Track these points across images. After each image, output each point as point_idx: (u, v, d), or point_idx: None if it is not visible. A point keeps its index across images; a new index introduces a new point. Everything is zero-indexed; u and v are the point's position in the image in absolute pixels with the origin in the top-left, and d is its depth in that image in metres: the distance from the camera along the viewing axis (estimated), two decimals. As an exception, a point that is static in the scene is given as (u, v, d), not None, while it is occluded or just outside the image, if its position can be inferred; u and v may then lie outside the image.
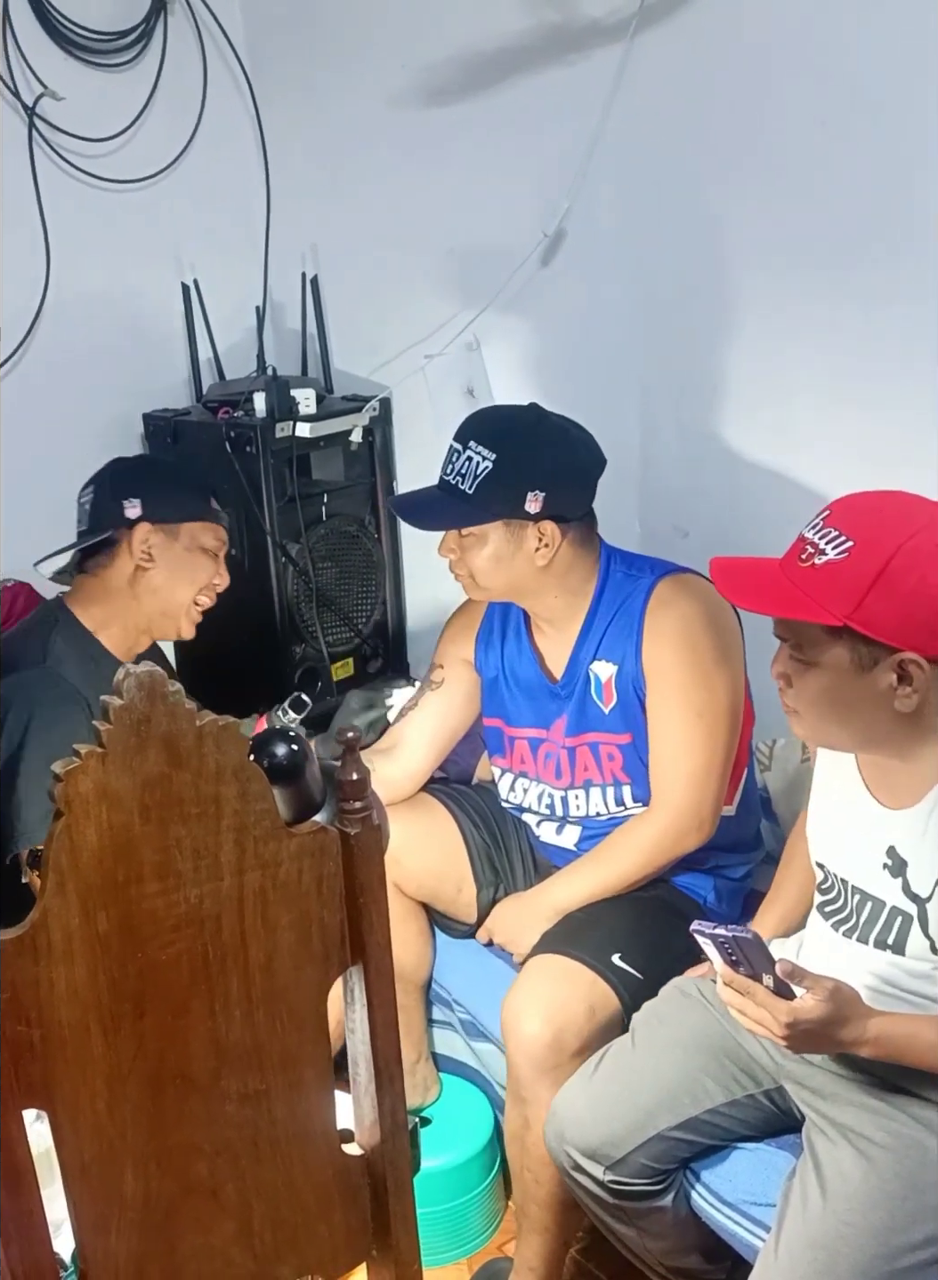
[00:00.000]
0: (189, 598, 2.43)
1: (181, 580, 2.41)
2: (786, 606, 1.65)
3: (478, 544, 2.20)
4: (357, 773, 1.28)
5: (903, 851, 1.73)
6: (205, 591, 2.44)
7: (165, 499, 2.40)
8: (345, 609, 3.17)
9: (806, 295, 2.39)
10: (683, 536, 2.70)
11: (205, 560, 2.43)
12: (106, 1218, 1.25)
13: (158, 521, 2.37)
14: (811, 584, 1.62)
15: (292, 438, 2.94)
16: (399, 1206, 1.43)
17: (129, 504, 2.37)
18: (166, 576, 2.39)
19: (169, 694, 1.13)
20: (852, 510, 1.66)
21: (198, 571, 2.42)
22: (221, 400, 3.06)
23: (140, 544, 2.36)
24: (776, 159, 2.36)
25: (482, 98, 2.77)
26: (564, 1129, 1.92)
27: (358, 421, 3.04)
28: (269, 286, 3.39)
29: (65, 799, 1.11)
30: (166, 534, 2.38)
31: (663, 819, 2.22)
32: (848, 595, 1.59)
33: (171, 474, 2.61)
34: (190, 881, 1.20)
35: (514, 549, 2.20)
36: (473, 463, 2.16)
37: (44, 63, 2.94)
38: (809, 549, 1.64)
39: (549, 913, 2.27)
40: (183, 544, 2.40)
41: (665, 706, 2.21)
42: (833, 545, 1.61)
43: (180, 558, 2.40)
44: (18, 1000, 1.13)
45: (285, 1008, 1.30)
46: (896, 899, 1.74)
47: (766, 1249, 1.71)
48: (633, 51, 2.46)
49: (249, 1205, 1.34)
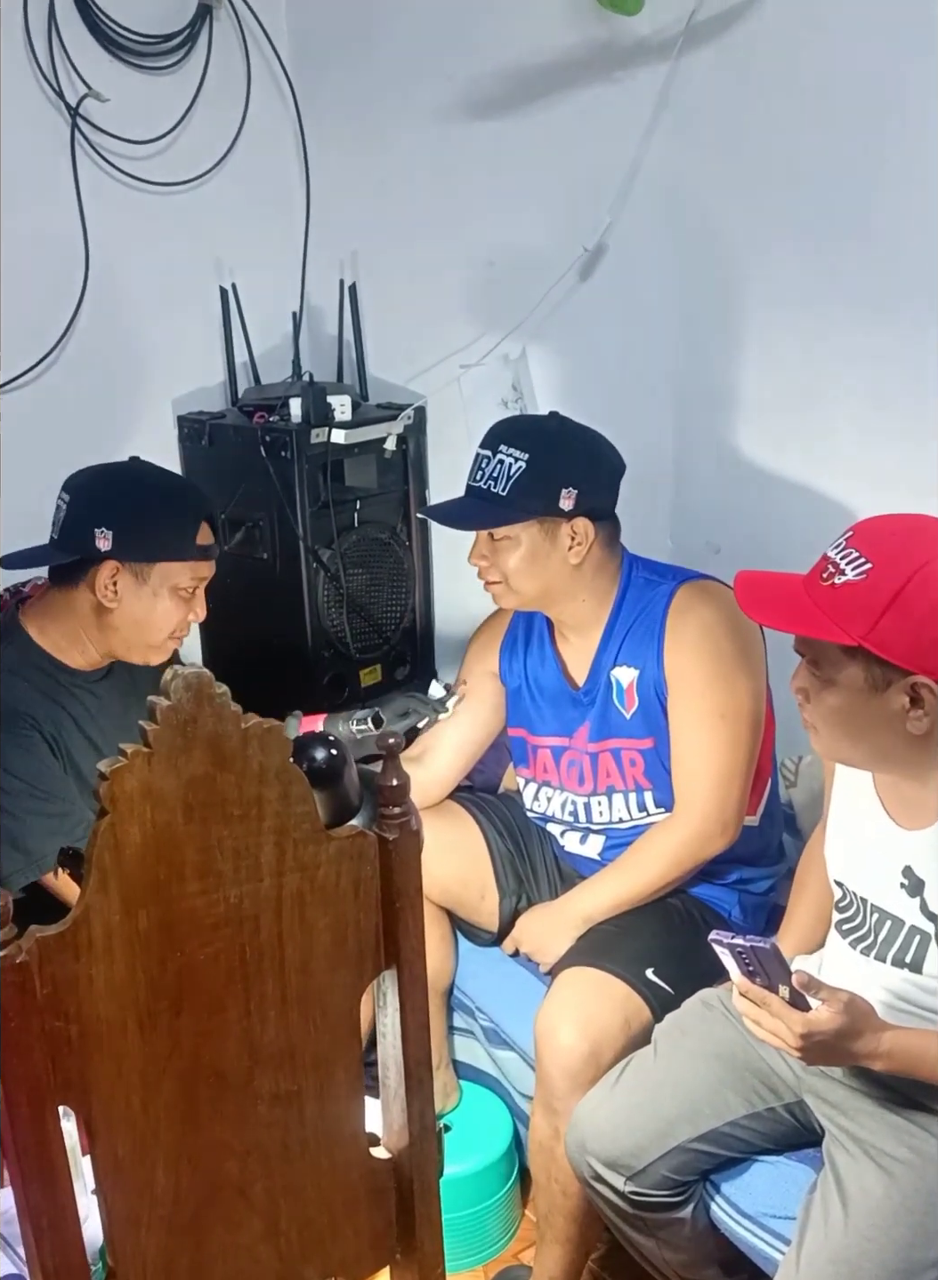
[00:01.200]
0: (159, 640, 2.23)
1: (147, 626, 2.21)
2: (803, 624, 1.67)
3: (512, 546, 2.22)
4: (397, 779, 1.29)
5: (920, 871, 1.74)
6: (180, 628, 2.25)
7: (140, 535, 2.17)
8: (375, 615, 3.18)
9: (847, 322, 2.40)
10: (715, 553, 2.70)
11: (176, 604, 2.21)
12: (137, 1214, 1.26)
13: (127, 560, 2.15)
14: (829, 603, 1.63)
15: (326, 444, 2.95)
16: (425, 1210, 1.45)
17: (101, 533, 2.14)
18: (130, 619, 2.19)
19: (216, 695, 1.15)
20: (873, 533, 1.67)
21: (166, 617, 2.21)
22: (257, 404, 3.08)
23: (105, 582, 2.15)
24: (819, 185, 2.37)
25: (526, 111, 2.78)
26: (586, 1139, 1.93)
27: (392, 429, 3.06)
28: (307, 292, 3.40)
29: (111, 797, 1.12)
30: (135, 575, 2.16)
31: (687, 825, 2.23)
32: (864, 616, 1.60)
33: (154, 503, 2.25)
34: (230, 882, 1.21)
35: (549, 548, 2.21)
36: (505, 465, 2.19)
37: (88, 64, 2.95)
38: (830, 568, 1.65)
39: (577, 922, 2.28)
40: (152, 587, 2.18)
41: (688, 711, 2.22)
42: (853, 566, 1.62)
43: (147, 603, 2.18)
44: (57, 996, 1.14)
45: (319, 1010, 1.31)
46: (914, 918, 1.75)
47: (786, 1262, 1.71)
48: (678, 70, 2.47)
49: (277, 1205, 1.35)
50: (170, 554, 2.19)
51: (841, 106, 2.30)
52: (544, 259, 2.82)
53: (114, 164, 3.04)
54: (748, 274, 2.55)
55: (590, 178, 2.71)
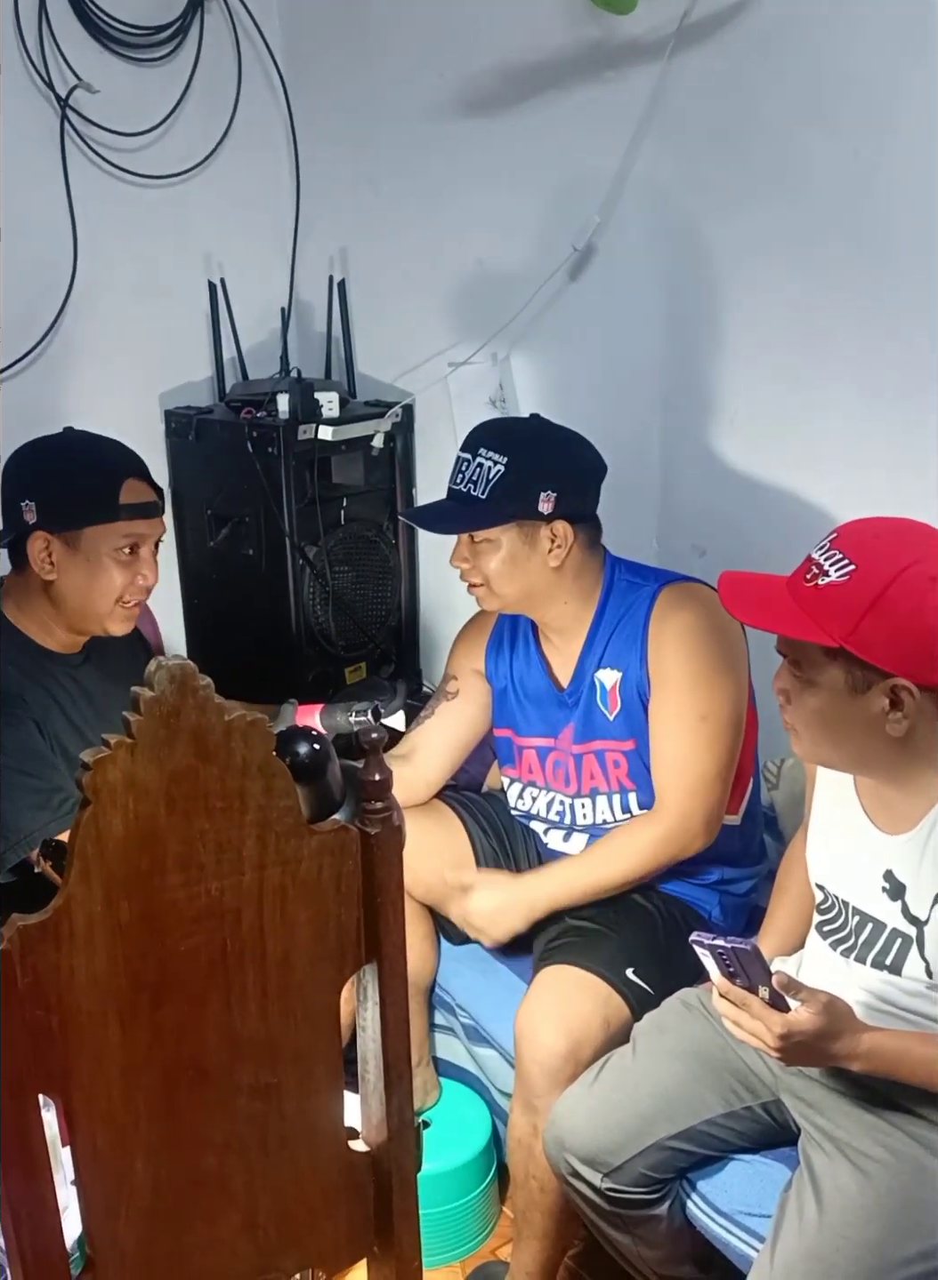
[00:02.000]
0: (106, 606, 2.19)
1: (92, 593, 2.17)
2: (785, 624, 1.67)
3: (492, 549, 2.22)
4: (379, 774, 1.29)
5: (901, 875, 1.75)
6: (128, 594, 2.20)
7: (60, 502, 2.14)
8: (360, 613, 3.19)
9: (834, 319, 2.40)
10: (700, 555, 2.71)
11: (116, 568, 2.17)
12: (116, 1205, 1.26)
13: (55, 530, 2.13)
14: (812, 604, 1.64)
15: (314, 440, 2.96)
16: (402, 1204, 1.45)
17: (26, 506, 2.13)
18: (72, 588, 2.17)
19: (199, 687, 1.14)
20: (857, 534, 1.67)
21: (108, 583, 2.17)
22: (245, 400, 3.08)
23: (38, 555, 2.14)
24: (808, 183, 2.37)
25: (517, 110, 2.79)
26: (563, 1136, 1.93)
27: (380, 427, 3.07)
28: (296, 288, 3.41)
29: (93, 788, 1.12)
30: (66, 544, 2.14)
31: (665, 823, 2.23)
32: (846, 617, 1.60)
33: (72, 468, 2.21)
34: (212, 874, 1.21)
35: (529, 551, 2.22)
36: (484, 468, 2.19)
37: (78, 55, 2.95)
38: (814, 569, 1.66)
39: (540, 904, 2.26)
40: (84, 553, 2.15)
41: (668, 711, 2.23)
42: (836, 567, 1.63)
43: (84, 570, 2.15)
44: (38, 986, 1.14)
45: (299, 1003, 1.31)
46: (896, 921, 1.76)
47: (760, 1259, 1.72)
48: (670, 71, 2.48)
49: (256, 1198, 1.36)
50: (95, 517, 2.15)
51: (832, 108, 2.30)
52: (534, 259, 2.83)
53: (104, 156, 3.05)
54: (737, 277, 2.55)
55: (581, 178, 2.72)
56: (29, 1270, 1.20)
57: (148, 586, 2.23)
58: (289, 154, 3.34)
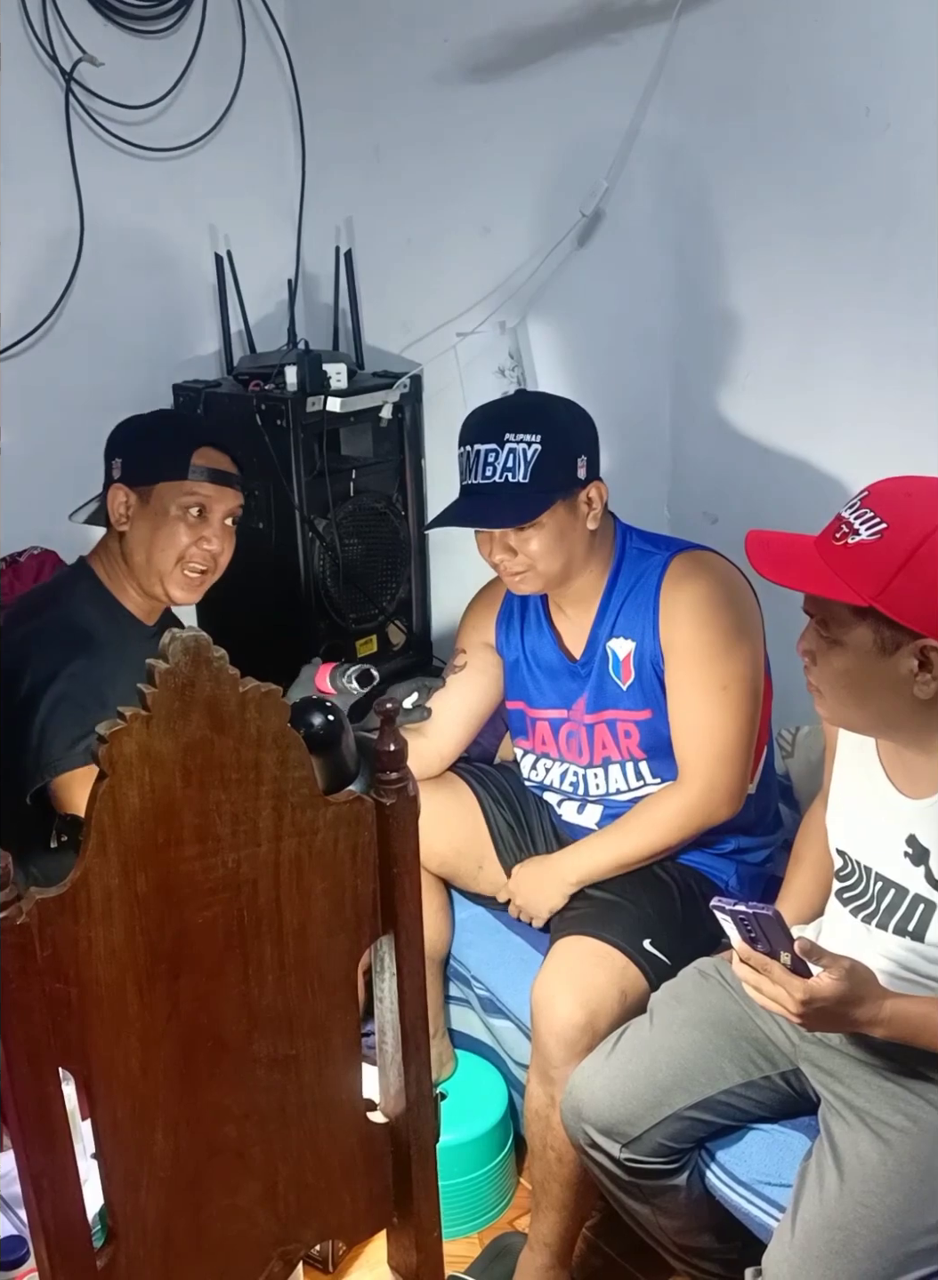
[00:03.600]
0: (168, 564, 2.32)
1: (155, 546, 2.31)
2: (815, 583, 1.65)
3: (539, 530, 2.18)
4: (394, 744, 1.29)
5: (924, 840, 1.74)
6: (191, 556, 2.33)
7: (140, 458, 2.33)
8: (370, 586, 3.18)
9: (845, 290, 2.38)
10: (712, 523, 2.70)
11: (178, 525, 2.31)
12: (136, 1176, 1.27)
13: (132, 484, 2.31)
14: (841, 563, 1.62)
15: (322, 412, 2.95)
16: (421, 1174, 1.45)
17: (115, 464, 2.33)
18: (140, 541, 2.31)
19: (214, 659, 1.14)
20: (889, 494, 1.66)
21: (171, 537, 2.31)
22: (253, 373, 3.07)
23: (116, 506, 2.32)
24: (818, 142, 2.34)
25: (523, 75, 2.76)
26: (581, 1106, 1.93)
27: (388, 398, 3.05)
28: (302, 260, 3.39)
29: (109, 760, 1.11)
30: (140, 497, 2.31)
31: (693, 793, 2.23)
32: (876, 577, 1.59)
33: (150, 430, 2.44)
34: (228, 846, 1.21)
35: (572, 520, 2.20)
36: (519, 452, 2.14)
37: (83, 28, 2.94)
38: (844, 528, 1.64)
39: (570, 879, 2.29)
40: (154, 507, 2.31)
41: (688, 682, 2.22)
42: (867, 526, 1.61)
43: (151, 522, 2.30)
44: (57, 958, 1.14)
45: (317, 974, 1.31)
46: (919, 887, 1.75)
47: (781, 1228, 1.72)
48: (678, 32, 2.45)
49: (275, 1168, 1.36)
50: (166, 473, 2.31)
51: (840, 68, 2.28)
52: (542, 225, 2.81)
53: (109, 129, 3.04)
54: (746, 241, 2.53)
55: (588, 142, 2.70)
56: (52, 1243, 1.21)
57: (213, 553, 2.35)
58: (294, 124, 3.32)
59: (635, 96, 2.57)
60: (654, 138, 2.60)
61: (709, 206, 2.57)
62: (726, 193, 2.54)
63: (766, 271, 2.52)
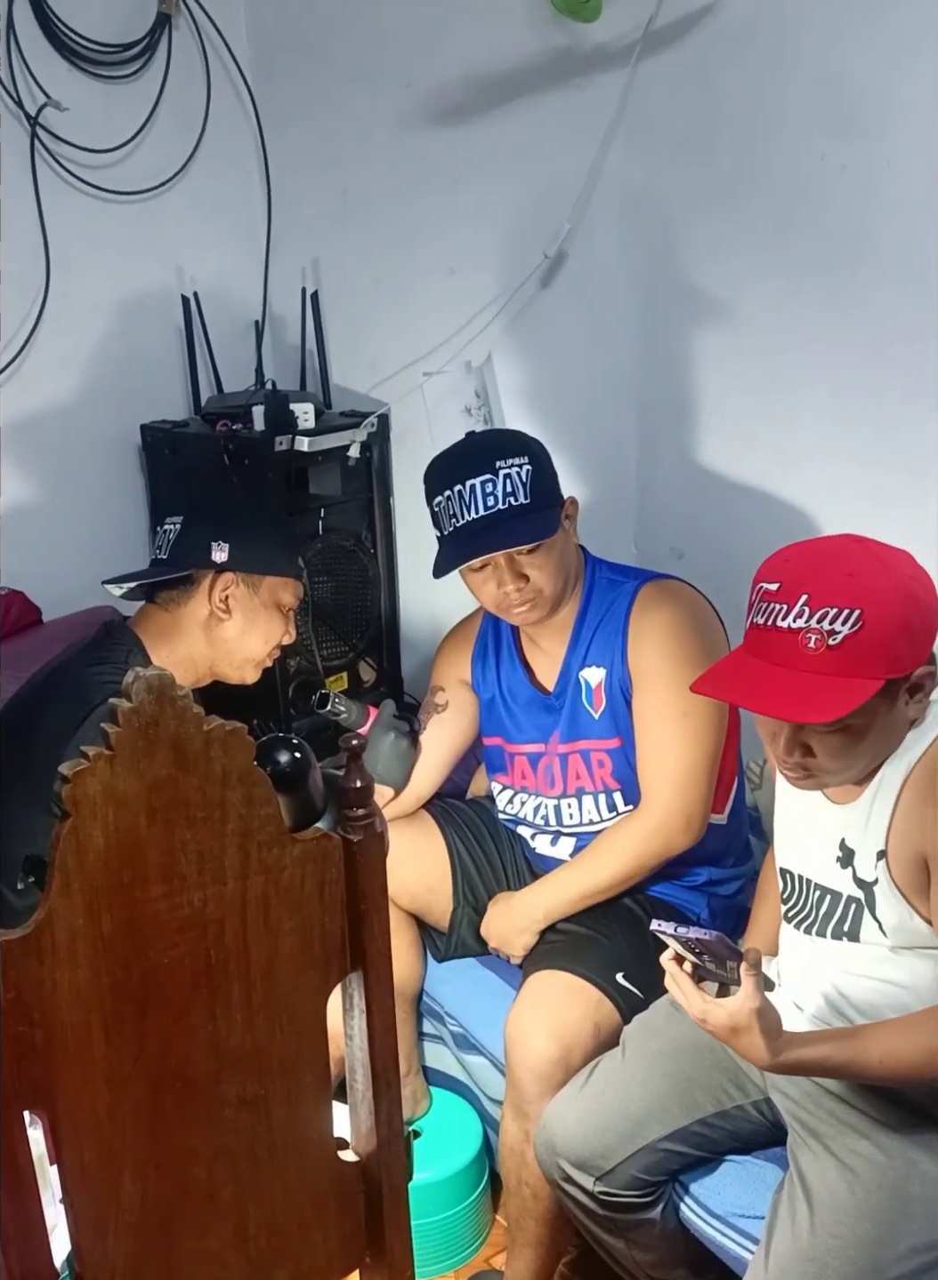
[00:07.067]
0: (261, 653, 2.36)
1: (255, 635, 2.34)
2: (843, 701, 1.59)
3: (549, 549, 2.20)
4: (360, 780, 1.29)
5: (850, 842, 1.77)
6: (274, 649, 2.39)
7: (255, 549, 2.31)
8: (341, 623, 3.18)
9: (807, 318, 2.41)
10: (678, 558, 2.71)
11: (280, 620, 2.36)
12: (104, 1220, 1.25)
13: (243, 571, 2.30)
14: (844, 664, 1.59)
15: (290, 452, 2.95)
16: (394, 1213, 1.44)
17: (218, 547, 2.27)
18: (240, 629, 2.32)
19: (178, 697, 1.14)
20: (831, 585, 1.61)
21: (272, 628, 2.36)
22: (220, 413, 3.08)
23: (221, 591, 2.29)
24: (778, 184, 2.38)
25: (486, 119, 2.80)
26: (555, 1140, 1.93)
27: (356, 437, 3.06)
28: (269, 300, 3.41)
29: (73, 800, 1.11)
30: (249, 586, 2.31)
31: (651, 819, 2.23)
32: (882, 656, 1.59)
33: (268, 522, 2.50)
34: (194, 885, 1.20)
35: (564, 537, 2.25)
36: (513, 476, 2.16)
37: (47, 73, 2.96)
38: (812, 636, 1.60)
39: (537, 916, 2.29)
40: (262, 599, 2.33)
41: (651, 708, 2.23)
42: (842, 620, 1.58)
43: (258, 612, 2.33)
44: (21, 1000, 1.13)
45: (285, 1013, 1.30)
46: (848, 888, 1.78)
47: (755, 1262, 1.72)
48: (638, 76, 2.49)
49: (245, 1209, 1.35)
50: (280, 568, 2.36)
51: (799, 111, 2.31)
52: (506, 266, 2.83)
53: (75, 173, 3.05)
54: (709, 281, 2.56)
55: (551, 185, 2.72)
56: (18, 1289, 1.20)
57: (290, 644, 2.44)
58: (259, 167, 3.35)
59: (597, 139, 2.60)
60: (617, 180, 2.63)
61: (672, 247, 2.60)
62: (687, 233, 2.57)
63: (729, 310, 2.54)
